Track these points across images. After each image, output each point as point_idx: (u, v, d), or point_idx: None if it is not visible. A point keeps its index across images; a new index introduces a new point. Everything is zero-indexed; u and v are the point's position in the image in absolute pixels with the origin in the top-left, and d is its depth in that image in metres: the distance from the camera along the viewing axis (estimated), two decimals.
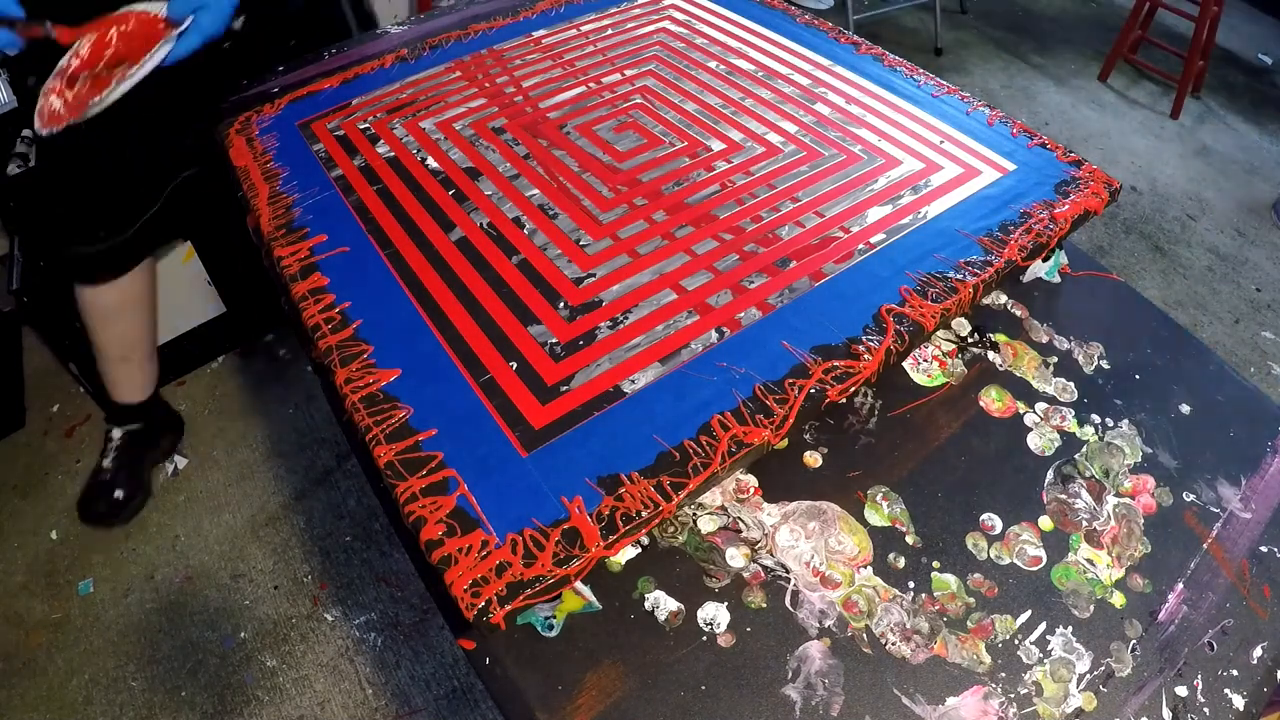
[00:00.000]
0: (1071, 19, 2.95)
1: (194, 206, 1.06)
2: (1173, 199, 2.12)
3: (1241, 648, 0.51)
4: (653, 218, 0.68)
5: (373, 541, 1.22)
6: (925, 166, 0.73)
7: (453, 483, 0.48)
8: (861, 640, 0.49)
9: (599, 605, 0.49)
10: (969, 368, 0.64)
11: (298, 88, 0.86)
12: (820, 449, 0.58)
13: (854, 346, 0.56)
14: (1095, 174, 0.71)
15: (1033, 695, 0.47)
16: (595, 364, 0.56)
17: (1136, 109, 2.45)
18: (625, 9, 1.01)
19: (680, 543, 0.52)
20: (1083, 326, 0.68)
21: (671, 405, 0.53)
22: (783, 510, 0.54)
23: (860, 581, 0.51)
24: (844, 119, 0.79)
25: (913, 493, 0.56)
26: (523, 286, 0.62)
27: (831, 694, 0.46)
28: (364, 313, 0.59)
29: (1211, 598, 0.53)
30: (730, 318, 0.59)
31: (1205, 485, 0.59)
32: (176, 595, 1.18)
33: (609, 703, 0.45)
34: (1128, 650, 0.50)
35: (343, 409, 0.53)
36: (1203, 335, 1.72)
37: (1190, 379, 0.65)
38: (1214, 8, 2.25)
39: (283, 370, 1.51)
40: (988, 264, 0.62)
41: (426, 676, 1.09)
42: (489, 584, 0.43)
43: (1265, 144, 2.37)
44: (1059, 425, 0.61)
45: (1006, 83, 2.52)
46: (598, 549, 0.45)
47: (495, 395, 0.54)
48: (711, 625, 0.49)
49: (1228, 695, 0.49)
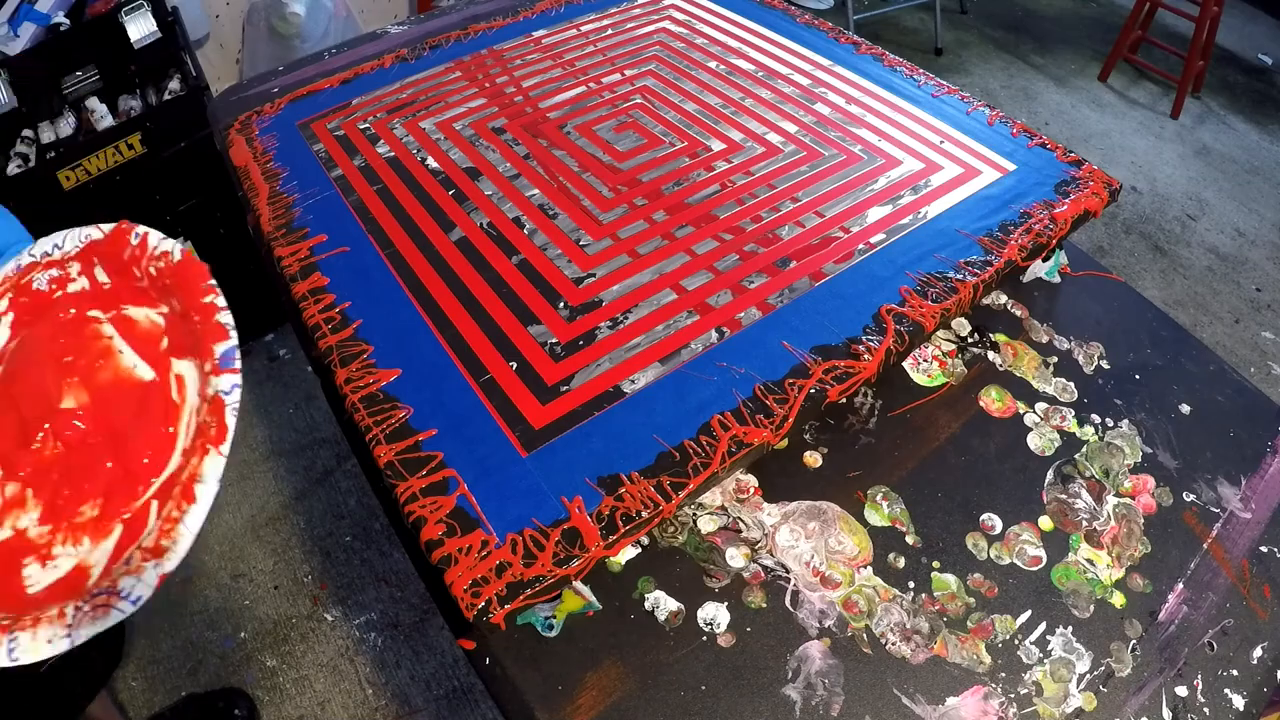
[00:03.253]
0: (1071, 19, 2.95)
1: None
2: (1173, 199, 2.12)
3: (1241, 648, 0.51)
4: (653, 218, 0.68)
5: (373, 541, 1.22)
6: (925, 166, 0.73)
7: (453, 483, 0.48)
8: (861, 640, 0.49)
9: (599, 605, 0.49)
10: (969, 368, 0.64)
11: (297, 88, 0.86)
12: (820, 449, 0.58)
13: (854, 346, 0.56)
14: (1095, 174, 0.71)
15: (1033, 695, 0.47)
16: (595, 364, 0.56)
17: (1136, 109, 2.45)
18: (625, 9, 1.01)
19: (680, 543, 0.52)
20: (1083, 326, 0.68)
21: (671, 405, 0.53)
22: (783, 510, 0.54)
23: (860, 581, 0.51)
24: (844, 119, 0.79)
25: (913, 493, 0.56)
26: (523, 286, 0.62)
27: (831, 694, 0.46)
28: (364, 313, 0.59)
29: (1211, 598, 0.53)
30: (730, 318, 0.59)
31: (1205, 485, 0.59)
32: (177, 595, 1.18)
33: (609, 703, 0.45)
34: (1128, 650, 0.50)
35: (343, 409, 0.53)
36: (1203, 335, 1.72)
37: (1190, 379, 0.65)
38: (1214, 8, 2.25)
39: (283, 370, 1.51)
40: (988, 264, 0.62)
41: (426, 676, 1.09)
42: (489, 584, 0.43)
43: (1265, 144, 2.37)
44: (1059, 425, 0.61)
45: (1006, 83, 2.52)
46: (598, 549, 0.45)
47: (495, 395, 0.54)
48: (711, 625, 0.49)
49: (1228, 695, 0.49)
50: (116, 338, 0.41)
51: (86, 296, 0.42)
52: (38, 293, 0.42)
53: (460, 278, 0.63)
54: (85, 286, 0.42)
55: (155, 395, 0.39)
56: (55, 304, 0.41)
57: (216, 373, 0.39)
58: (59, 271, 0.42)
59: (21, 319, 0.41)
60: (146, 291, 0.42)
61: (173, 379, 0.40)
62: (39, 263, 0.42)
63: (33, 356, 0.40)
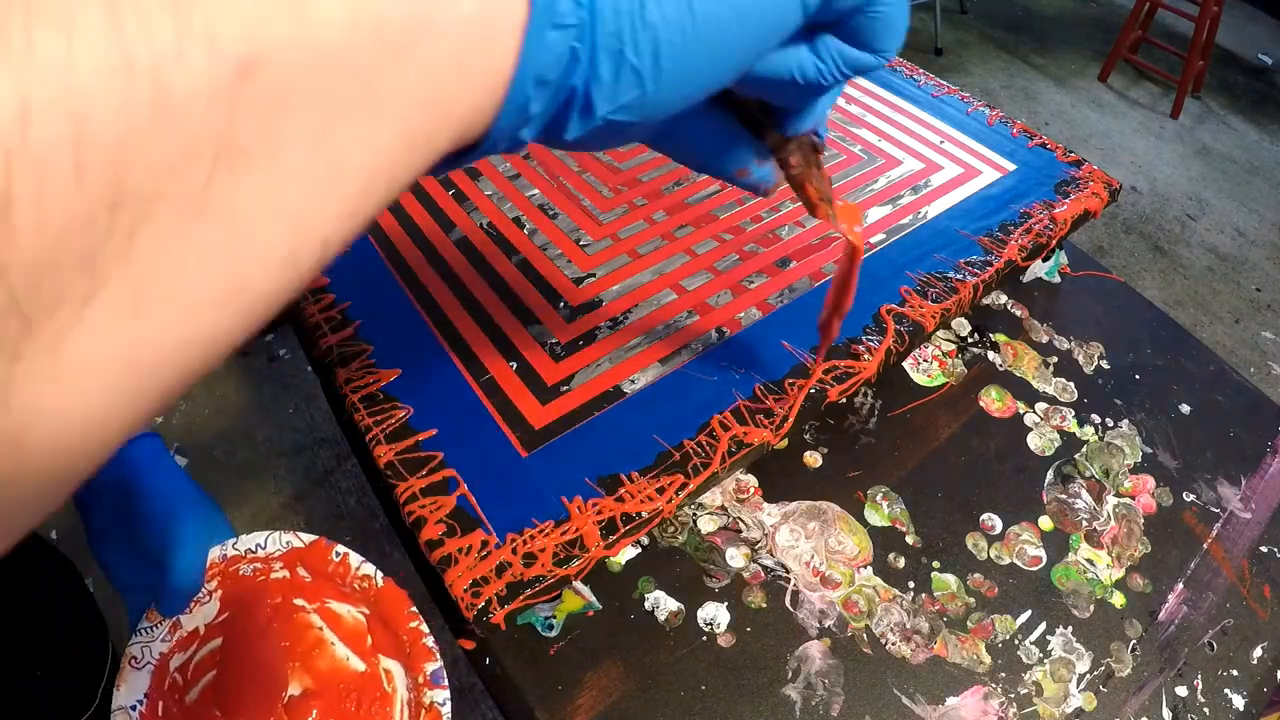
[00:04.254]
0: (1071, 19, 2.95)
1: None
2: (1173, 199, 2.12)
3: (1241, 648, 0.51)
4: (653, 218, 0.68)
5: (372, 541, 1.22)
6: (925, 166, 0.73)
7: (453, 483, 0.48)
8: (861, 640, 0.49)
9: (599, 605, 0.49)
10: (969, 368, 0.64)
11: None
12: (820, 449, 0.58)
13: (854, 346, 0.56)
14: (1095, 174, 0.71)
15: (1033, 695, 0.47)
16: (595, 364, 0.56)
17: (1136, 109, 2.45)
18: None
19: (680, 543, 0.52)
20: (1083, 326, 0.68)
21: (671, 405, 0.53)
22: (783, 510, 0.54)
23: (860, 581, 0.51)
24: (844, 119, 0.79)
25: (913, 493, 0.56)
26: (523, 286, 0.62)
27: (831, 694, 0.46)
28: (364, 313, 0.59)
29: (1211, 598, 0.53)
30: (730, 318, 0.59)
31: (1205, 485, 0.59)
32: None
33: (609, 703, 0.45)
34: (1128, 650, 0.50)
35: (343, 409, 0.53)
36: (1203, 335, 1.71)
37: (1190, 379, 0.65)
38: (1214, 8, 2.25)
39: (283, 370, 1.51)
40: (988, 264, 0.62)
41: None
42: (489, 584, 0.43)
43: (1265, 144, 2.37)
44: (1059, 425, 0.61)
45: (1006, 83, 2.52)
46: (598, 549, 0.45)
47: (495, 395, 0.54)
48: (711, 625, 0.49)
49: (1228, 695, 0.49)
50: (326, 630, 0.46)
51: (290, 586, 0.46)
52: (244, 577, 0.45)
53: (460, 278, 0.63)
54: (287, 576, 0.46)
55: (369, 685, 0.45)
56: (261, 588, 0.45)
57: (430, 687, 0.44)
58: (262, 565, 0.46)
59: (230, 597, 0.45)
60: (348, 595, 0.47)
61: (382, 672, 0.45)
62: (243, 556, 0.45)
63: (252, 637, 0.44)
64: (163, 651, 0.43)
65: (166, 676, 0.43)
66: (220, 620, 0.45)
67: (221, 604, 0.45)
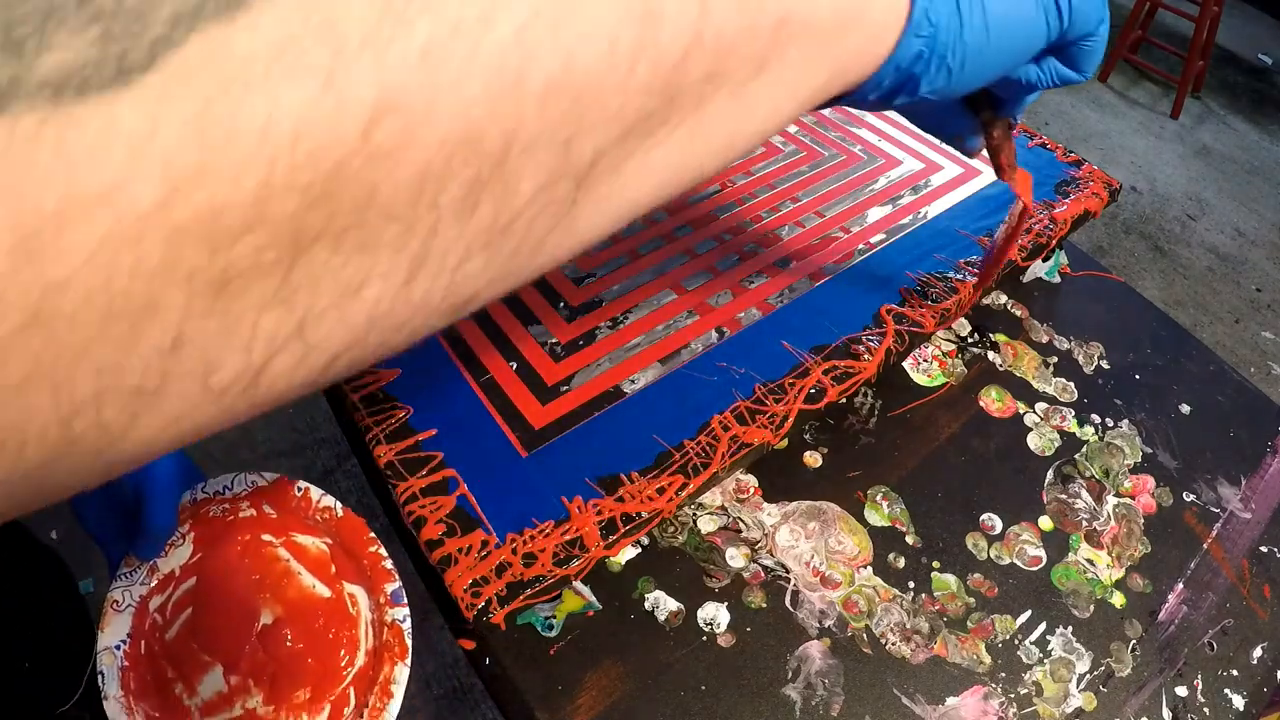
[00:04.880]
0: None
1: None
2: (1173, 199, 2.12)
3: (1241, 648, 0.51)
4: (653, 218, 0.68)
5: None
6: (925, 166, 0.73)
7: (453, 483, 0.48)
8: (861, 640, 0.49)
9: (599, 605, 0.49)
10: (969, 368, 0.64)
11: None
12: (820, 449, 0.58)
13: (854, 347, 0.56)
14: (1095, 174, 0.71)
15: (1033, 695, 0.47)
16: (595, 364, 0.56)
17: (1136, 109, 2.45)
18: None
19: (680, 543, 0.52)
20: (1083, 326, 0.68)
21: (671, 405, 0.53)
22: (783, 510, 0.54)
23: (860, 581, 0.51)
24: (844, 119, 0.79)
25: (913, 493, 0.56)
26: (523, 286, 0.62)
27: (831, 694, 0.46)
28: None
29: (1211, 598, 0.53)
30: (730, 318, 0.59)
31: (1205, 485, 0.59)
32: None
33: (609, 703, 0.45)
34: (1128, 650, 0.50)
35: (343, 409, 0.53)
36: (1203, 335, 1.72)
37: (1190, 379, 0.65)
38: (1214, 8, 2.25)
39: None
40: None
41: (426, 676, 1.09)
42: (489, 584, 0.43)
43: (1265, 144, 2.37)
44: (1059, 425, 0.61)
45: None
46: (598, 549, 0.45)
47: (495, 395, 0.54)
48: (711, 625, 0.49)
49: (1228, 695, 0.49)
50: (292, 561, 0.49)
51: (257, 523, 0.49)
52: (214, 518, 0.49)
53: None
54: (254, 514, 0.49)
55: (335, 609, 0.48)
56: (230, 526, 0.49)
57: (390, 606, 0.47)
58: (229, 506, 0.49)
59: (202, 538, 0.48)
60: (311, 527, 0.50)
61: (346, 596, 0.48)
62: (212, 499, 0.49)
63: (224, 573, 0.48)
64: (142, 594, 0.46)
65: (147, 617, 0.46)
66: (194, 561, 0.48)
67: (194, 545, 0.48)
